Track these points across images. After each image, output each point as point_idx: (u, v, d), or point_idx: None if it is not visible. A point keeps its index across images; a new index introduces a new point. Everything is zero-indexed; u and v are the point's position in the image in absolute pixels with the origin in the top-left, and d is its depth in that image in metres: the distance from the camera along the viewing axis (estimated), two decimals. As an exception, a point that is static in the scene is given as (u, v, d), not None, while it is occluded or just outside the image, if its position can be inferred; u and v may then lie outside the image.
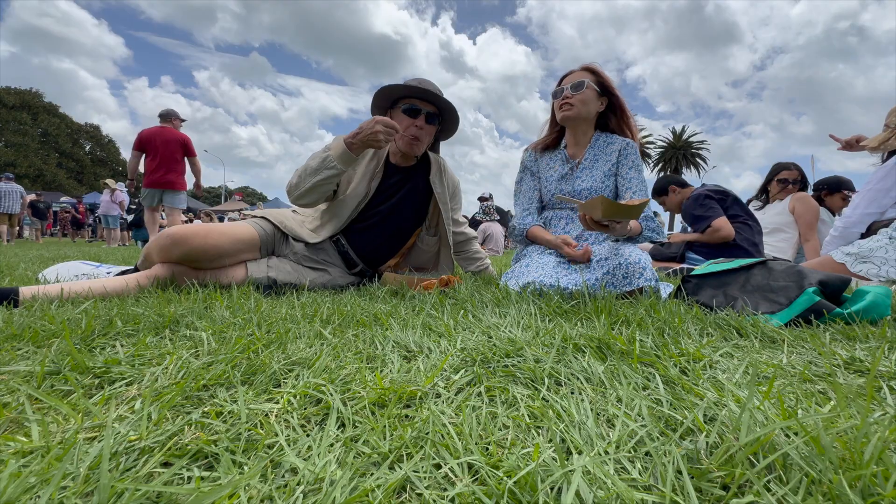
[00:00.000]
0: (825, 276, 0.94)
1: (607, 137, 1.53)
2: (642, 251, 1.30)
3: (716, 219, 2.31)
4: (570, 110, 1.48)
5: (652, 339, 0.72)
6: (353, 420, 0.44)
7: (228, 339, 0.71)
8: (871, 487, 0.31)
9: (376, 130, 1.26)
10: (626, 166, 1.48)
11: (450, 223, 1.66)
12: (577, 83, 1.46)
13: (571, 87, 1.47)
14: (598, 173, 1.49)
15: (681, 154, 34.38)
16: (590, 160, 1.51)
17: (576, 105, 1.47)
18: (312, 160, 1.36)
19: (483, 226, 6.48)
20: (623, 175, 1.48)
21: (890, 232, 1.68)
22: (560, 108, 1.50)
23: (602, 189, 1.49)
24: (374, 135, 1.27)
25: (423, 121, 1.49)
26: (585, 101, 1.46)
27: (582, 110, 1.47)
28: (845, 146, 2.07)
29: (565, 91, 1.48)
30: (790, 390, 0.53)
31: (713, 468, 0.35)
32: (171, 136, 4.17)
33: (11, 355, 0.62)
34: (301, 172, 1.38)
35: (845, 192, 2.71)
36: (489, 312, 0.97)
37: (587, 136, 1.54)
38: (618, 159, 1.49)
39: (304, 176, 1.36)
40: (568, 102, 1.47)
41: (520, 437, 0.42)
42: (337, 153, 1.32)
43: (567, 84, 1.48)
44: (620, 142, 1.50)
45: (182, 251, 1.21)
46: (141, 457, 0.37)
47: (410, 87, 1.46)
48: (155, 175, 4.14)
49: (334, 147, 1.33)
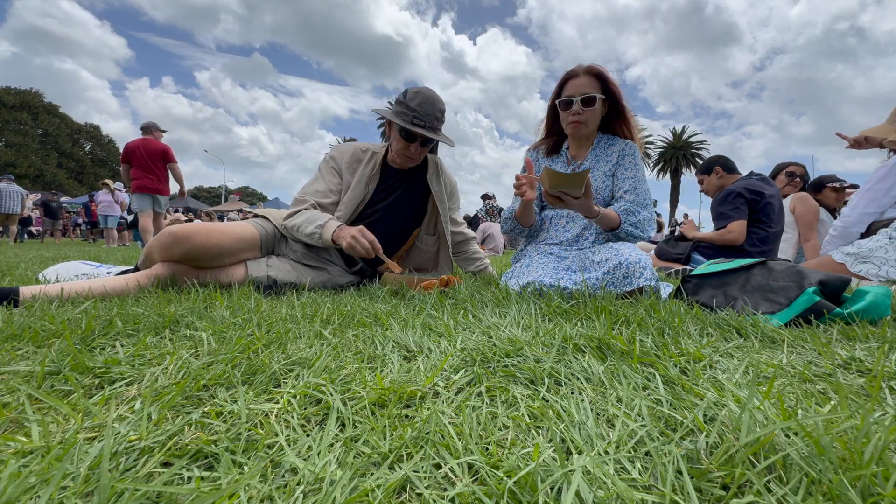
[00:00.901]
0: (825, 277, 0.94)
1: (609, 139, 1.52)
2: (642, 251, 1.30)
3: (735, 221, 2.22)
4: (580, 127, 1.45)
5: (652, 339, 0.72)
6: (353, 420, 0.44)
7: (228, 339, 0.71)
8: (871, 487, 0.31)
9: (358, 246, 1.30)
10: (622, 167, 1.47)
11: (448, 222, 1.67)
12: (587, 98, 1.40)
13: (582, 103, 1.40)
14: (598, 173, 1.49)
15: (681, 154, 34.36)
16: (591, 161, 1.51)
17: (587, 122, 1.44)
18: (306, 226, 1.40)
19: (483, 225, 6.48)
20: (618, 175, 1.47)
21: (890, 232, 1.68)
22: (571, 124, 1.46)
23: (602, 189, 1.49)
24: (354, 249, 1.30)
25: (417, 146, 1.51)
26: (595, 114, 1.44)
27: (592, 124, 1.46)
28: (853, 144, 2.05)
29: (575, 106, 1.41)
30: (790, 390, 0.53)
31: (713, 468, 0.35)
32: (153, 146, 4.58)
33: (11, 355, 0.62)
34: (296, 225, 1.44)
35: (829, 185, 2.70)
36: (489, 312, 0.97)
37: (590, 140, 1.54)
38: (617, 160, 1.48)
39: (298, 232, 1.44)
40: (579, 120, 1.43)
41: (520, 437, 0.42)
42: (324, 240, 1.38)
43: (575, 95, 1.41)
44: (621, 143, 1.49)
45: (184, 249, 1.21)
46: (141, 457, 0.37)
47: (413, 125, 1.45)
48: (141, 182, 4.55)
49: (324, 233, 1.37)
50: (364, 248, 1.29)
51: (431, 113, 1.47)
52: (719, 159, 2.54)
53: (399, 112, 1.48)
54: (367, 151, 1.61)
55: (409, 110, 1.46)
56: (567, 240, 1.51)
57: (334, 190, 1.55)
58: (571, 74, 1.45)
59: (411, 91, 1.50)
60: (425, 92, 1.50)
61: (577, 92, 1.41)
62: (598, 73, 1.42)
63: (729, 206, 2.26)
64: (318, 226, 1.38)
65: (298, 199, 1.51)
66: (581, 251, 1.45)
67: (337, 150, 1.62)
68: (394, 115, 1.49)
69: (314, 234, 1.38)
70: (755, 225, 2.27)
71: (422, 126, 1.46)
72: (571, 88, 1.43)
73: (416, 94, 1.48)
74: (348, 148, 1.62)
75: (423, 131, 1.45)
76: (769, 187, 2.30)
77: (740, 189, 2.25)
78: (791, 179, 2.77)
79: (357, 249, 1.30)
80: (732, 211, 2.23)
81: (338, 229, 1.35)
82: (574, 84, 1.43)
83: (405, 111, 1.47)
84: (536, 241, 1.59)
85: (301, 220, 1.43)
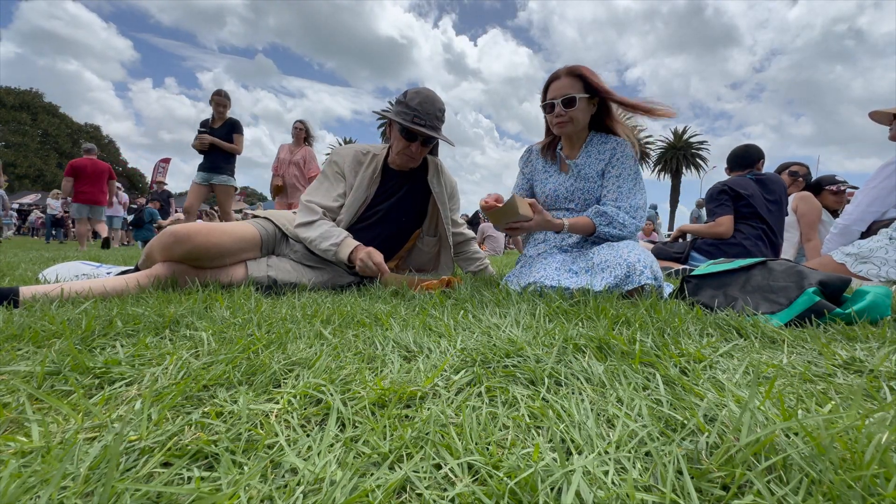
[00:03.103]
0: (825, 277, 0.94)
1: (602, 137, 1.51)
2: (644, 249, 1.30)
3: (721, 216, 2.35)
4: (565, 127, 1.45)
5: (652, 340, 0.72)
6: (353, 420, 0.44)
7: (228, 339, 0.71)
8: (871, 488, 0.31)
9: (369, 269, 1.39)
10: (611, 166, 1.46)
11: (449, 223, 1.67)
12: (567, 98, 1.41)
13: (563, 103, 1.42)
14: (591, 173, 1.48)
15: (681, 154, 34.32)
16: (583, 161, 1.50)
17: (571, 122, 1.44)
18: (322, 241, 1.45)
19: (483, 226, 6.49)
20: (606, 175, 1.47)
21: (890, 232, 1.68)
22: (555, 125, 1.47)
23: (594, 189, 1.48)
24: (365, 270, 1.40)
25: (418, 146, 1.52)
26: (578, 113, 1.44)
27: (577, 124, 1.46)
28: None
29: (557, 108, 1.43)
30: (790, 390, 0.53)
31: (713, 468, 0.34)
32: (100, 165, 5.81)
33: (11, 355, 0.62)
34: (310, 239, 1.47)
35: (827, 187, 2.70)
36: (489, 312, 0.97)
37: (581, 139, 1.53)
38: (609, 159, 1.47)
39: (312, 245, 1.48)
40: (562, 121, 1.44)
41: (520, 437, 0.42)
42: (337, 258, 1.44)
43: (557, 98, 1.43)
44: (614, 142, 1.48)
45: (185, 249, 1.22)
46: (141, 457, 0.37)
47: (413, 124, 1.46)
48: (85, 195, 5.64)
49: (340, 251, 1.43)
50: (371, 271, 1.39)
51: (432, 112, 1.48)
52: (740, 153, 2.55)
53: (400, 112, 1.49)
54: (368, 154, 1.62)
55: (410, 109, 1.46)
56: (568, 241, 1.51)
57: (340, 194, 1.57)
58: (553, 77, 1.47)
59: (411, 91, 1.51)
60: (425, 92, 1.51)
61: (558, 94, 1.43)
62: (579, 74, 1.42)
63: (715, 203, 2.42)
64: (334, 244, 1.43)
65: (306, 205, 1.52)
66: (581, 252, 1.44)
67: (338, 154, 1.62)
68: (394, 114, 1.50)
69: (329, 252, 1.44)
70: (746, 221, 2.32)
71: (422, 125, 1.46)
72: (553, 91, 1.45)
73: (416, 93, 1.49)
74: (349, 150, 1.62)
75: (424, 129, 1.46)
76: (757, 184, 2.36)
77: (722, 187, 2.41)
78: (794, 179, 2.77)
79: (365, 271, 1.40)
80: (718, 207, 2.40)
81: (353, 252, 1.42)
82: (556, 86, 1.45)
83: (406, 111, 1.47)
84: (537, 243, 1.59)
85: (316, 234, 1.46)
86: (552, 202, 1.57)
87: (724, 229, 2.33)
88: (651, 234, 7.71)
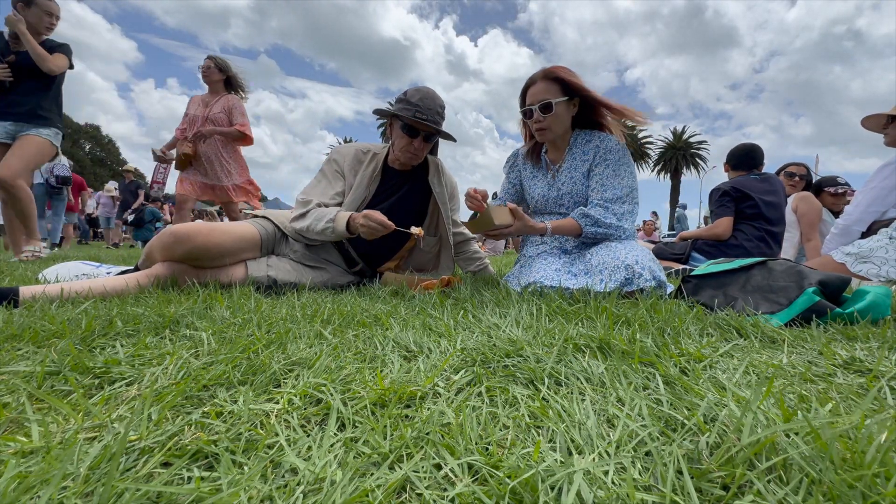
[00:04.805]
0: (825, 277, 0.94)
1: (586, 135, 1.47)
2: (643, 249, 1.29)
3: (721, 217, 2.36)
4: (545, 133, 1.43)
5: (652, 339, 0.72)
6: (353, 420, 0.44)
7: (228, 339, 0.71)
8: (871, 488, 0.31)
9: (373, 229, 1.33)
10: (596, 164, 1.44)
11: (449, 223, 1.67)
12: (544, 104, 1.38)
13: (540, 109, 1.39)
14: (577, 174, 1.46)
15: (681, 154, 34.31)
16: (568, 163, 1.48)
17: (550, 127, 1.42)
18: (317, 223, 1.42)
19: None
20: (592, 174, 1.44)
21: (890, 232, 1.68)
22: (536, 132, 1.44)
23: (583, 191, 1.46)
24: (372, 232, 1.33)
25: (421, 141, 1.51)
26: (558, 118, 1.41)
27: (557, 128, 1.43)
28: None
29: (535, 114, 1.40)
30: (790, 390, 0.53)
31: (713, 468, 0.34)
32: (76, 179, 6.84)
33: (11, 355, 0.62)
34: (306, 226, 1.45)
35: (826, 189, 2.70)
36: (489, 312, 0.97)
37: (565, 141, 1.50)
38: (593, 157, 1.44)
39: (309, 231, 1.45)
40: (541, 127, 1.42)
41: (520, 437, 0.42)
42: (337, 232, 1.39)
43: (534, 104, 1.40)
44: (598, 139, 1.45)
45: (185, 249, 1.22)
46: (141, 457, 0.37)
47: (415, 118, 1.45)
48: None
49: (337, 226, 1.39)
50: (376, 230, 1.32)
51: (433, 108, 1.48)
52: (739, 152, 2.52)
53: (401, 108, 1.49)
54: (368, 153, 1.62)
55: (411, 105, 1.47)
56: (568, 242, 1.51)
57: (338, 191, 1.56)
58: (530, 82, 1.43)
59: (411, 90, 1.51)
60: (425, 89, 1.51)
61: (535, 100, 1.40)
62: (555, 77, 1.39)
63: (716, 205, 2.42)
64: (329, 220, 1.40)
65: (302, 201, 1.52)
66: (581, 253, 1.44)
67: (338, 152, 1.62)
68: (396, 111, 1.50)
69: (327, 229, 1.40)
70: (749, 222, 2.32)
71: (424, 119, 1.46)
72: (531, 97, 1.42)
73: (417, 91, 1.50)
74: (350, 149, 1.62)
75: (427, 123, 1.46)
76: (763, 185, 2.35)
77: (724, 188, 2.40)
78: (790, 179, 2.77)
79: (371, 234, 1.34)
80: (719, 209, 2.39)
81: (350, 220, 1.37)
82: (532, 92, 1.42)
83: (407, 107, 1.47)
84: (537, 243, 1.58)
85: (310, 220, 1.44)
86: (542, 206, 1.56)
87: (722, 230, 2.33)
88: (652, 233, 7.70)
